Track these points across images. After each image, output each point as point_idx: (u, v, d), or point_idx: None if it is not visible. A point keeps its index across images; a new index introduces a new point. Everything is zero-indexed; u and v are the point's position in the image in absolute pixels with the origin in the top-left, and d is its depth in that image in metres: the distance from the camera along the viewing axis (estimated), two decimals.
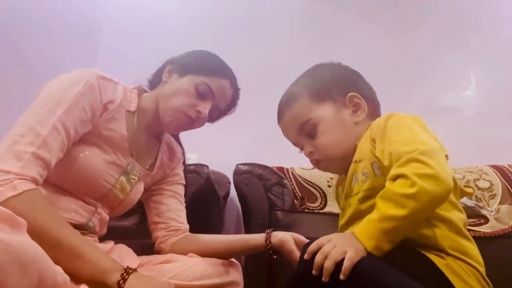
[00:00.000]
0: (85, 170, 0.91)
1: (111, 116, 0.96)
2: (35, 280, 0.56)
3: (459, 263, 0.73)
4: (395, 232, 0.69)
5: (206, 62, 1.07)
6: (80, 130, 0.89)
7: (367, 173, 0.82)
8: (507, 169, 1.48)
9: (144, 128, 1.06)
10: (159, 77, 1.09)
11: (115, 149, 0.97)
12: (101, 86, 0.93)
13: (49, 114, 0.84)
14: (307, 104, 0.94)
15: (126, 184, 1.00)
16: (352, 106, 0.93)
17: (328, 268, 0.66)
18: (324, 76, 0.96)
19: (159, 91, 1.06)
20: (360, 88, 0.95)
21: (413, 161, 0.70)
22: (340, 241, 0.69)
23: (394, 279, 0.64)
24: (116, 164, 0.98)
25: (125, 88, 1.03)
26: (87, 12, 1.98)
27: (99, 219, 0.97)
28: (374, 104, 0.97)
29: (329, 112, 0.92)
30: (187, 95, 1.02)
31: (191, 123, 1.04)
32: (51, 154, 0.81)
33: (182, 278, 0.92)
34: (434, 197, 0.68)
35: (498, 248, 1.28)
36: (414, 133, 0.77)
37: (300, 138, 0.96)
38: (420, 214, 0.71)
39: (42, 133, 0.81)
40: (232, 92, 1.09)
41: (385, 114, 0.86)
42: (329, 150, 0.92)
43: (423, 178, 0.68)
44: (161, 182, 1.15)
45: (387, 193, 0.71)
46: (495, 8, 1.90)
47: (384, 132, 0.80)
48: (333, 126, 0.91)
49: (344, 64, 1.01)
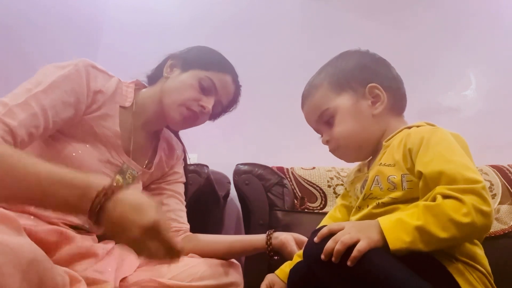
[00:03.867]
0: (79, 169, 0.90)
1: (103, 112, 0.94)
2: (34, 282, 0.56)
3: (468, 268, 0.72)
4: (423, 245, 0.67)
5: (209, 57, 1.06)
6: (62, 112, 0.86)
7: (395, 183, 0.79)
8: (507, 169, 1.47)
9: (141, 125, 1.04)
10: (159, 72, 1.08)
11: (109, 147, 0.96)
12: (90, 73, 0.92)
13: (24, 92, 0.82)
14: (327, 93, 0.93)
15: (123, 184, 0.98)
16: (372, 98, 0.90)
17: (339, 250, 0.65)
18: (347, 65, 0.94)
19: (161, 86, 1.04)
20: (383, 79, 0.92)
21: (475, 194, 0.67)
22: (354, 229, 0.69)
23: (404, 276, 0.63)
24: (110, 163, 0.96)
25: (120, 82, 1.01)
26: (87, 11, 1.98)
27: None
28: (397, 96, 0.94)
29: (347, 102, 0.90)
30: (191, 90, 1.00)
31: (195, 118, 1.03)
32: (16, 122, 0.77)
33: (182, 279, 0.91)
34: (477, 232, 0.69)
35: (498, 248, 1.27)
36: (467, 160, 0.75)
37: (320, 126, 0.96)
38: (455, 242, 0.70)
39: (9, 103, 0.79)
40: (234, 88, 1.08)
41: (425, 125, 0.84)
42: (344, 140, 0.91)
43: (479, 213, 0.66)
44: (161, 181, 1.13)
45: (436, 209, 0.68)
46: (495, 8, 1.89)
47: (431, 147, 0.76)
48: (349, 116, 0.90)
49: (369, 51, 0.98)
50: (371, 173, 0.86)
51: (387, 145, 0.86)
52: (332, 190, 1.46)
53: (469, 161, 0.75)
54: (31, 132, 0.81)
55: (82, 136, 0.92)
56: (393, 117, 0.92)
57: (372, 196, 0.83)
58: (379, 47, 2.01)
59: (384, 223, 0.70)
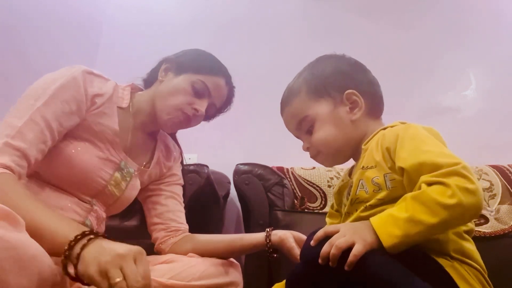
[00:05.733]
0: (79, 166, 0.91)
1: (101, 111, 0.96)
2: (34, 278, 0.56)
3: (464, 266, 0.73)
4: (417, 237, 0.67)
5: (202, 61, 1.07)
6: (66, 123, 0.89)
7: (379, 183, 0.80)
8: (507, 169, 1.47)
9: (139, 126, 1.06)
10: (154, 75, 1.10)
11: (107, 144, 0.98)
12: (86, 79, 0.94)
13: (27, 108, 0.84)
14: (305, 100, 0.94)
15: (121, 181, 1.00)
16: (350, 104, 0.92)
17: (334, 255, 0.66)
18: (324, 71, 0.95)
19: (155, 90, 1.06)
20: (360, 84, 0.93)
21: (457, 175, 0.68)
22: (349, 232, 0.69)
23: (403, 277, 0.63)
24: (109, 160, 0.98)
25: (117, 85, 1.03)
26: (87, 11, 1.98)
27: (95, 217, 0.97)
28: (375, 100, 0.95)
29: (325, 109, 0.91)
30: (184, 93, 1.02)
31: (188, 121, 1.04)
32: (27, 144, 0.81)
33: (182, 279, 0.91)
34: (467, 212, 0.68)
35: (498, 248, 1.27)
36: (443, 147, 0.76)
37: (299, 133, 0.97)
38: (447, 225, 0.70)
39: (17, 124, 0.81)
40: (227, 90, 1.10)
41: (399, 124, 0.86)
42: (324, 146, 0.92)
43: (464, 192, 0.66)
44: (159, 182, 1.15)
45: (422, 196, 0.69)
46: (495, 8, 1.89)
47: (405, 141, 0.78)
48: (328, 123, 0.91)
49: (345, 55, 0.99)
50: (355, 177, 0.87)
51: (365, 148, 0.88)
52: (333, 192, 1.45)
53: (444, 147, 0.76)
54: (41, 149, 0.84)
55: (81, 134, 0.94)
56: (372, 120, 0.93)
57: (358, 200, 0.84)
58: (379, 47, 2.01)
59: (375, 221, 0.70)
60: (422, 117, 1.71)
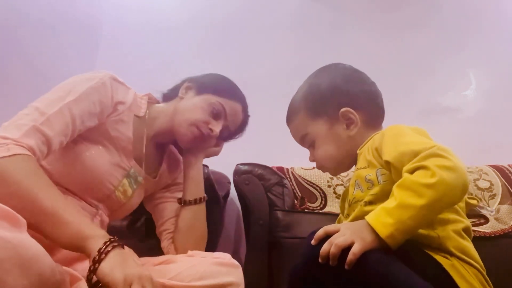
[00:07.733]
0: (91, 169, 0.93)
1: (120, 118, 0.99)
2: (35, 278, 0.57)
3: (463, 264, 0.73)
4: (411, 221, 0.69)
5: (223, 85, 1.13)
6: (87, 122, 0.91)
7: (372, 180, 0.84)
8: (507, 169, 1.47)
9: (151, 136, 1.09)
10: (175, 92, 1.14)
11: (120, 151, 1.00)
12: (113, 85, 0.97)
13: (58, 100, 0.87)
14: (304, 119, 1.00)
15: (128, 187, 1.02)
16: (346, 120, 0.96)
17: (334, 253, 0.67)
18: (320, 87, 0.99)
19: (175, 105, 1.10)
20: (355, 98, 0.97)
21: (433, 156, 0.72)
22: (349, 231, 0.70)
23: (402, 275, 0.64)
24: (120, 166, 1.00)
25: (135, 94, 1.07)
26: (87, 11, 1.98)
27: (100, 221, 0.98)
28: (372, 111, 0.99)
29: (322, 128, 0.98)
30: (202, 112, 1.06)
31: (202, 139, 1.07)
32: (53, 132, 0.83)
33: (182, 279, 0.91)
34: (453, 188, 0.70)
35: (498, 248, 1.27)
36: (421, 137, 0.81)
37: (304, 146, 1.04)
38: (437, 205, 0.71)
39: (47, 112, 0.83)
40: (242, 116, 1.16)
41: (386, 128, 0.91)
42: (325, 162, 1.00)
43: (443, 169, 0.69)
44: (164, 190, 1.18)
45: (405, 182, 0.72)
46: (495, 8, 1.90)
47: (388, 137, 0.83)
48: (327, 141, 0.97)
49: (343, 66, 1.03)
50: (352, 180, 0.91)
51: (360, 152, 0.93)
52: (332, 190, 1.46)
53: (420, 137, 0.81)
54: (61, 141, 0.86)
55: (96, 137, 0.96)
56: (371, 132, 0.96)
57: (355, 200, 0.88)
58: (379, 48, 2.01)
59: (369, 217, 0.72)
60: (422, 117, 1.71)
